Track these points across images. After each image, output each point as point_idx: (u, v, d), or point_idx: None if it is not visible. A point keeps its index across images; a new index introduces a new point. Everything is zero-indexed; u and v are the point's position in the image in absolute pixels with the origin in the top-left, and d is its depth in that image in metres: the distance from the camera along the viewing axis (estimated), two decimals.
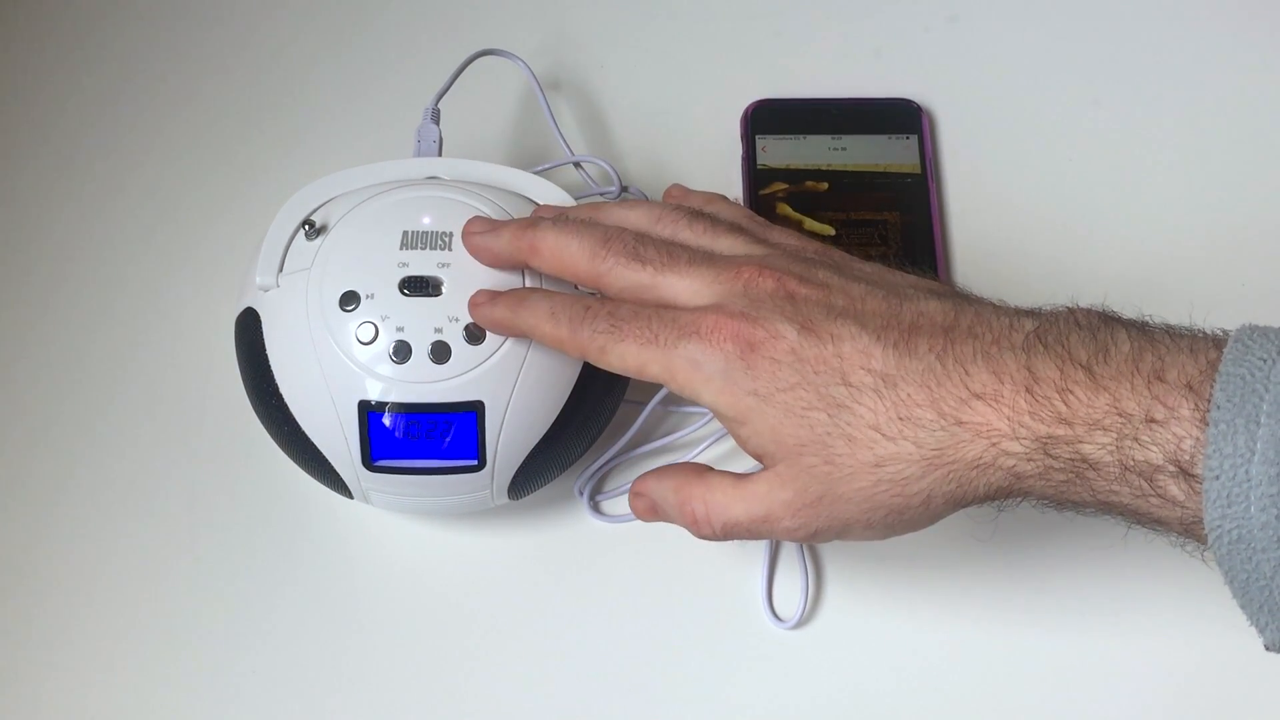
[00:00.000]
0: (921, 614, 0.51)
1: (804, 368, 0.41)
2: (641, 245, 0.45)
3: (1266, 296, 0.57)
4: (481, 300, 0.46)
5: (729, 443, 0.54)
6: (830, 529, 0.42)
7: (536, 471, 0.49)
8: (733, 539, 0.45)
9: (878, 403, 0.40)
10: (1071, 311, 0.41)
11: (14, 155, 0.63)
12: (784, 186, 0.61)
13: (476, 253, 0.47)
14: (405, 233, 0.47)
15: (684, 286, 0.44)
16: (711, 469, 0.45)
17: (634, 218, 0.47)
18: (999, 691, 0.50)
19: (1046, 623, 0.51)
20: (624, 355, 0.43)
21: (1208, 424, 0.36)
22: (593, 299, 0.45)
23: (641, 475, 0.46)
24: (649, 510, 0.46)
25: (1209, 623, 0.49)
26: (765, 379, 0.41)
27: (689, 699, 0.50)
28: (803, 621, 0.51)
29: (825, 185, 0.61)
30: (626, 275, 0.44)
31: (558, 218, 0.48)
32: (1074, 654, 0.50)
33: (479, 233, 0.47)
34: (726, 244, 0.46)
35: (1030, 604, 0.52)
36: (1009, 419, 0.39)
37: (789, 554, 0.53)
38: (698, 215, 0.47)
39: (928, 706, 0.50)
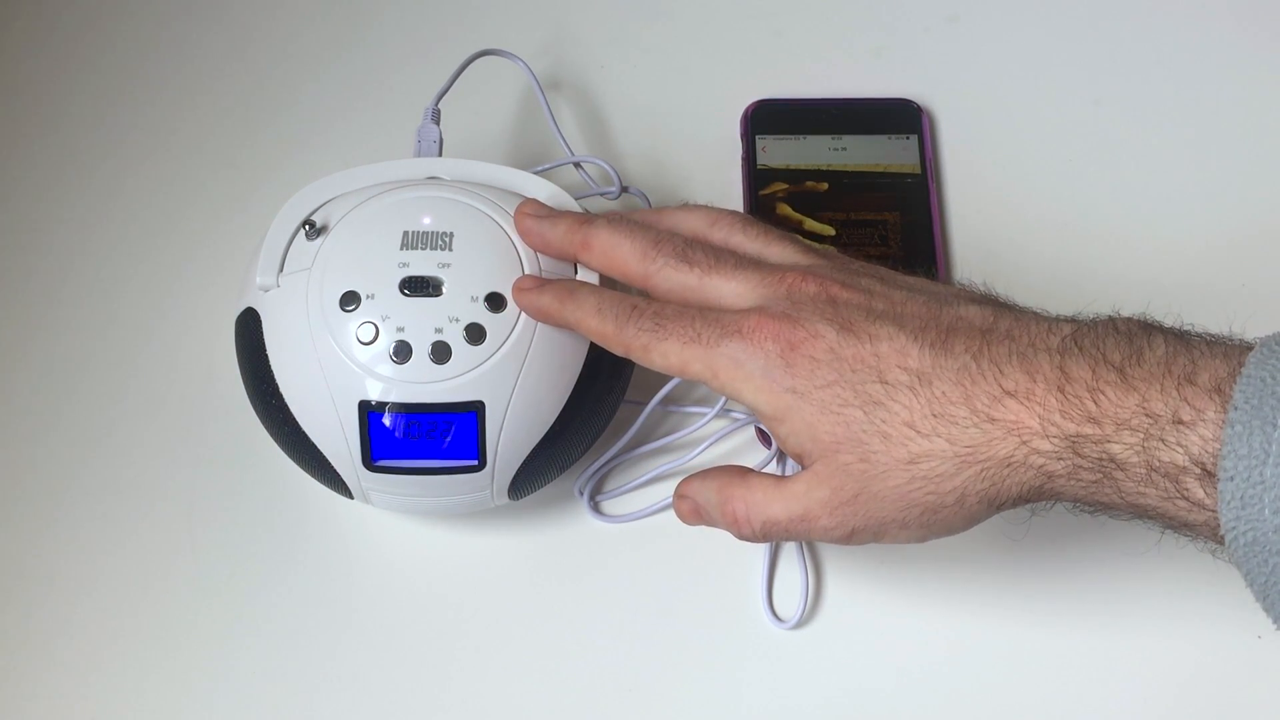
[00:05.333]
0: (921, 614, 0.51)
1: (842, 366, 0.41)
2: (690, 248, 0.46)
3: (1267, 297, 0.57)
4: (528, 285, 0.47)
5: (729, 443, 0.55)
6: (867, 528, 0.42)
7: (537, 471, 0.49)
8: (773, 539, 0.45)
9: (913, 400, 0.41)
10: (1112, 319, 0.41)
11: (14, 157, 0.63)
12: (784, 186, 0.61)
13: (527, 235, 0.48)
14: (406, 233, 0.48)
15: (729, 289, 0.45)
16: (754, 470, 0.46)
17: (690, 222, 0.48)
18: (1000, 692, 0.50)
19: (1050, 622, 0.51)
20: (667, 353, 0.44)
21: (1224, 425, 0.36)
22: (639, 299, 0.46)
23: (685, 478, 0.47)
24: (693, 513, 0.47)
25: (1220, 631, 0.50)
26: (804, 376, 0.42)
27: (689, 699, 0.50)
28: (803, 621, 0.51)
29: (825, 185, 0.61)
30: (674, 277, 0.45)
31: (612, 216, 0.48)
32: (1078, 654, 0.50)
33: (533, 216, 0.48)
34: (777, 251, 0.47)
35: (1033, 604, 0.52)
36: (1040, 417, 0.39)
37: (789, 554, 0.53)
38: (753, 222, 0.48)
39: (928, 707, 0.50)
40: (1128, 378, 0.39)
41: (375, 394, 0.46)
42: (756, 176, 0.61)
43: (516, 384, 0.47)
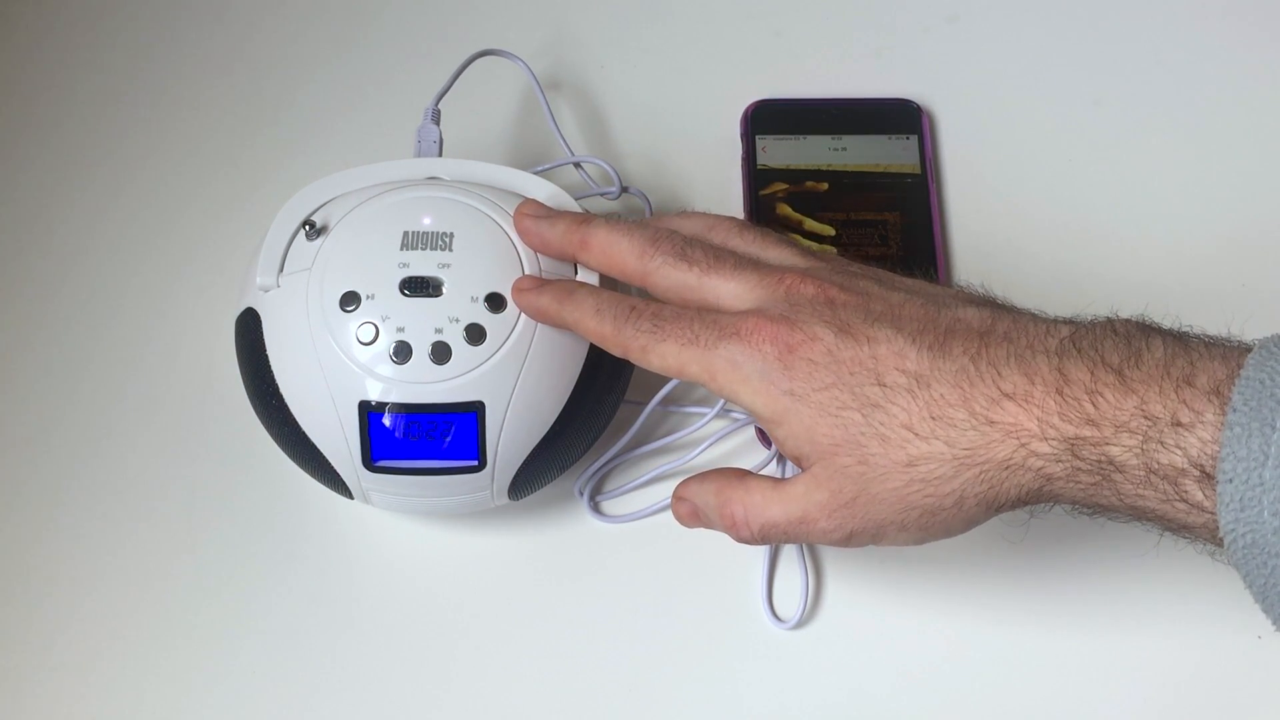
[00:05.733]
0: (921, 614, 0.51)
1: (840, 368, 0.41)
2: (689, 247, 0.46)
3: (1267, 297, 0.57)
4: (527, 286, 0.47)
5: (729, 444, 0.55)
6: (866, 531, 0.42)
7: (537, 472, 0.49)
8: (771, 542, 0.45)
9: (911, 402, 0.41)
10: (1110, 320, 0.41)
11: (14, 157, 0.63)
12: (784, 187, 0.61)
13: (525, 235, 0.48)
14: (406, 233, 0.48)
15: (728, 290, 0.45)
16: (752, 473, 0.46)
17: (689, 225, 0.48)
18: (999, 692, 0.50)
19: (1049, 624, 0.51)
20: (665, 355, 0.44)
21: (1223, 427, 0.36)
22: (638, 299, 0.46)
23: (684, 480, 0.47)
24: (691, 515, 0.47)
25: (1219, 632, 0.50)
26: (801, 379, 0.42)
27: (689, 699, 0.50)
28: (803, 621, 0.51)
29: (825, 185, 0.61)
30: (672, 275, 0.45)
31: (610, 216, 0.48)
32: (1077, 655, 0.50)
33: (532, 216, 0.48)
34: (775, 254, 0.47)
35: (1033, 604, 0.52)
36: (1038, 419, 0.39)
37: (789, 554, 0.53)
38: (750, 226, 0.48)
39: (928, 707, 0.50)
40: (1126, 380, 0.39)
41: (375, 394, 0.46)
42: (756, 176, 0.61)
43: (516, 384, 0.47)
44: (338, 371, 0.46)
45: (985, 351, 0.41)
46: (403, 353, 0.46)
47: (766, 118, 0.63)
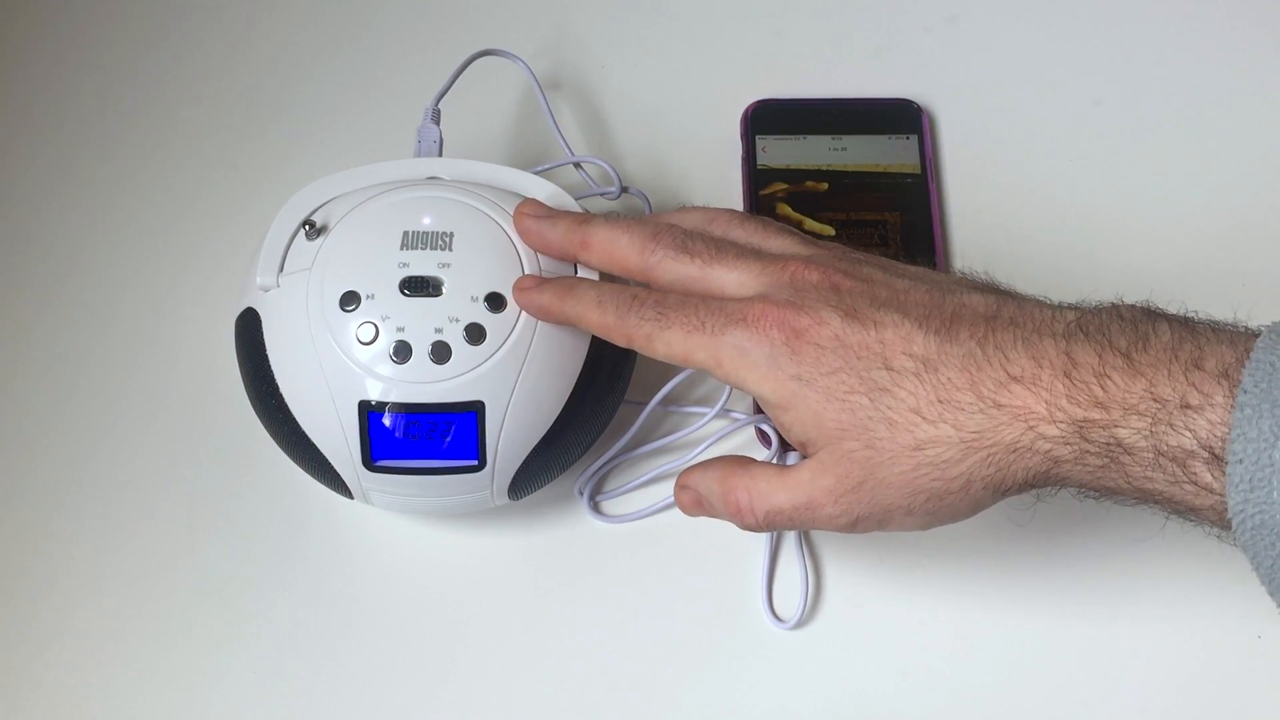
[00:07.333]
0: (921, 611, 0.51)
1: (847, 353, 0.41)
2: (691, 240, 0.46)
3: (1266, 296, 0.57)
4: (528, 285, 0.47)
5: (729, 443, 0.55)
6: (872, 516, 0.42)
7: (537, 471, 0.49)
8: (776, 529, 0.45)
9: (918, 386, 0.41)
10: (1115, 306, 0.41)
11: (14, 157, 0.63)
12: (784, 186, 0.61)
13: (526, 235, 0.48)
14: (406, 233, 0.48)
15: (731, 279, 0.45)
16: (755, 460, 0.45)
17: (689, 219, 0.48)
18: (1000, 691, 0.50)
19: (1052, 615, 0.51)
20: (670, 342, 0.44)
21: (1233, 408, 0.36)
22: (640, 289, 0.46)
23: (686, 469, 0.47)
24: (694, 503, 0.46)
25: (1222, 624, 0.50)
26: (809, 364, 0.42)
27: (689, 699, 0.50)
28: (803, 621, 0.51)
29: (825, 185, 0.61)
30: (675, 268, 0.45)
31: (609, 214, 0.48)
32: (1079, 647, 0.50)
33: (532, 215, 0.48)
34: (777, 243, 0.47)
35: (1034, 601, 0.52)
36: (1046, 402, 0.39)
37: (789, 554, 0.53)
38: (750, 217, 0.48)
39: (928, 706, 0.50)
40: (1134, 363, 0.39)
41: (375, 394, 0.46)
42: (756, 176, 0.61)
43: (516, 384, 0.47)
44: (338, 371, 0.46)
45: (992, 336, 0.41)
46: (403, 352, 0.46)
47: (766, 118, 0.63)
